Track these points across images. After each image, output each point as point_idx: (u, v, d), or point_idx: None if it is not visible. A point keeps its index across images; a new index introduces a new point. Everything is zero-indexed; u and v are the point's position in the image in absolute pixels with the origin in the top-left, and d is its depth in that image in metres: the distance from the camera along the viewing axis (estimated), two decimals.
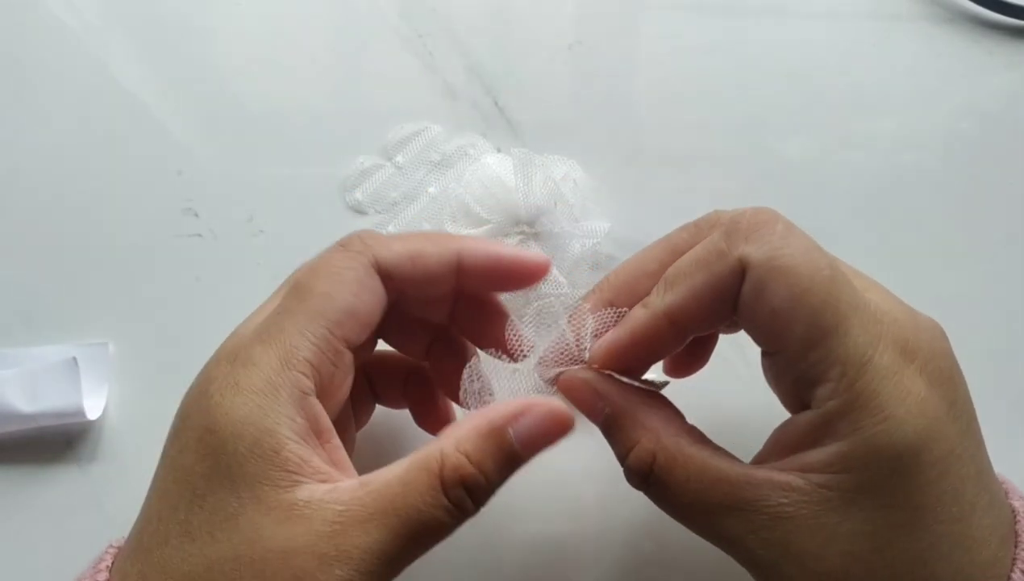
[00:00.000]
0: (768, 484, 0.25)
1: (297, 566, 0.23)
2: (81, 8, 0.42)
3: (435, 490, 0.25)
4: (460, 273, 0.28)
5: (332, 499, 0.24)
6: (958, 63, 0.42)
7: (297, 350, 0.25)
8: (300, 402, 0.25)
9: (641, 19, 0.43)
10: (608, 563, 0.36)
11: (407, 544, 0.24)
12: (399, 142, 0.41)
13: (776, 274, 0.24)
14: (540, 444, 0.26)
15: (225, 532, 0.24)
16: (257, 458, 0.24)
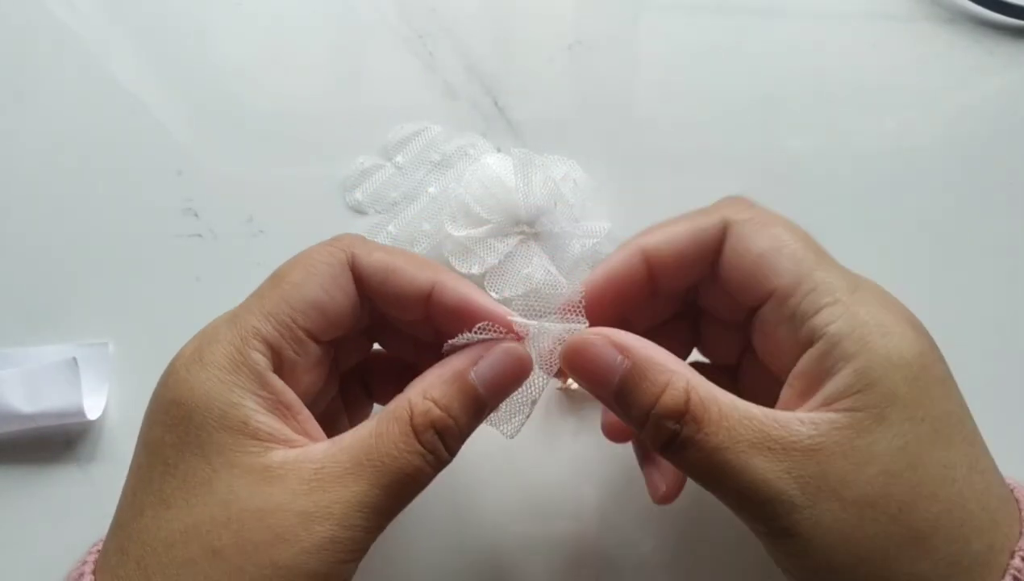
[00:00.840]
0: (796, 422, 0.24)
1: (276, 524, 0.24)
2: (81, 8, 0.42)
3: (407, 436, 0.25)
4: (430, 302, 0.28)
5: (306, 458, 0.25)
6: (958, 63, 0.42)
7: (258, 330, 0.26)
8: (261, 377, 0.25)
9: (641, 19, 0.43)
10: (608, 563, 0.36)
11: (387, 494, 0.25)
12: (399, 142, 0.41)
13: (757, 226, 0.27)
14: (501, 383, 0.27)
15: (199, 496, 0.24)
16: (225, 429, 0.25)
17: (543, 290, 0.37)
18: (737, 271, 0.27)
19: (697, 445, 0.24)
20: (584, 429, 0.37)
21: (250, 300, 0.27)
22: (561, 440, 0.37)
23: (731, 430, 0.24)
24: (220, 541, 0.24)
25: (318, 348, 0.28)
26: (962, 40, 0.42)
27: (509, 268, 0.37)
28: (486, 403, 0.27)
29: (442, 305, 0.28)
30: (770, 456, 0.24)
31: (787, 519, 0.24)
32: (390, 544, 0.36)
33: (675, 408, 0.25)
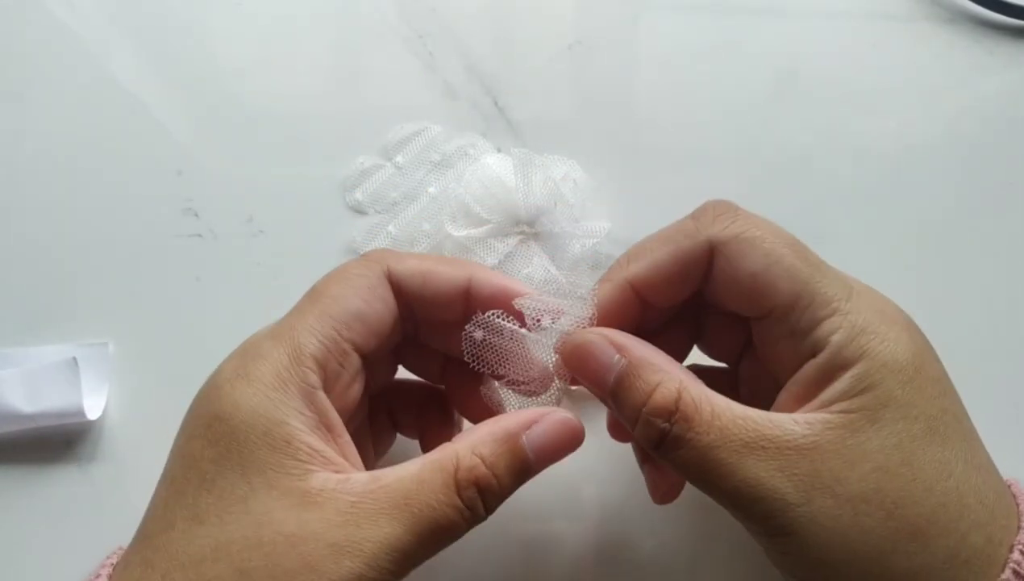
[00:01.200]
0: (790, 422, 0.25)
1: (307, 553, 0.23)
2: (81, 8, 0.42)
3: (449, 489, 0.25)
4: (469, 298, 0.28)
5: (345, 490, 0.24)
6: (958, 63, 0.42)
7: (305, 347, 0.26)
8: (309, 396, 0.25)
9: (641, 19, 0.43)
10: (608, 563, 0.36)
11: (418, 542, 0.24)
12: (399, 142, 0.41)
13: (747, 245, 0.26)
14: (552, 452, 0.27)
15: (234, 515, 0.24)
16: (268, 447, 0.24)
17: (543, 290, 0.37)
18: (731, 292, 0.27)
19: (688, 444, 0.25)
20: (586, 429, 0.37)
21: (291, 317, 0.27)
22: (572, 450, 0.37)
23: (723, 429, 0.24)
24: (250, 563, 0.23)
25: (360, 362, 0.28)
26: (962, 40, 0.42)
27: (509, 268, 0.37)
28: (532, 468, 0.27)
29: (481, 297, 0.28)
30: (763, 455, 0.24)
31: (782, 517, 0.24)
32: None
33: (665, 406, 0.25)
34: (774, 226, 0.27)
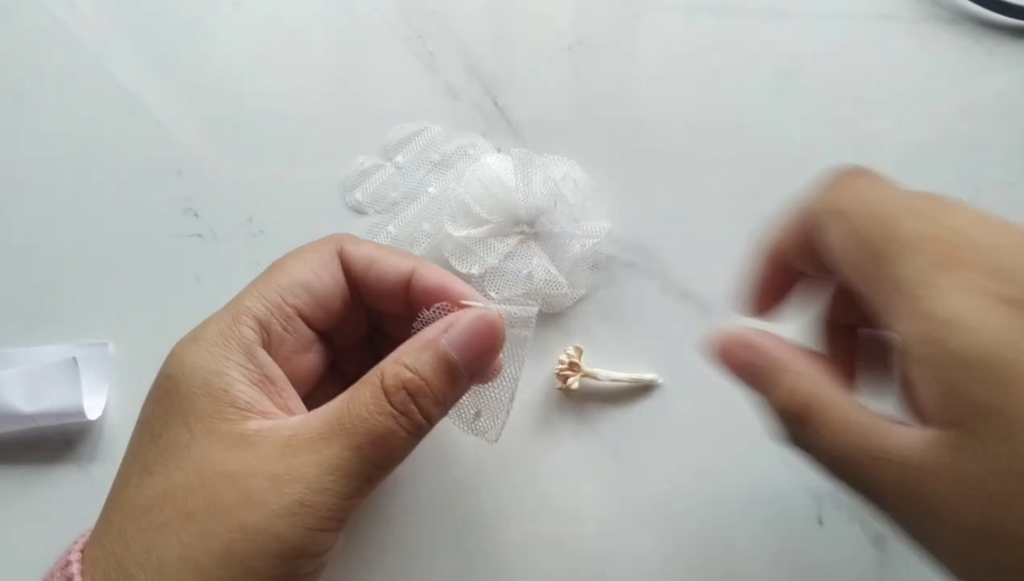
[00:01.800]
0: (907, 436, 0.22)
1: (247, 487, 0.24)
2: (81, 8, 0.42)
3: (378, 398, 0.26)
4: (410, 287, 0.29)
5: (281, 426, 0.25)
6: (958, 63, 0.42)
7: (249, 309, 0.27)
8: (248, 351, 0.27)
9: (641, 19, 0.43)
10: (608, 563, 0.36)
11: (359, 457, 0.25)
12: (399, 142, 0.41)
13: (831, 217, 0.25)
14: (474, 348, 0.27)
15: (178, 462, 0.25)
16: (208, 396, 0.25)
17: (543, 290, 0.37)
18: (829, 265, 0.26)
19: (819, 450, 0.24)
20: (584, 429, 0.37)
21: (245, 288, 0.29)
22: (561, 440, 0.37)
23: (850, 439, 0.23)
24: (193, 504, 0.24)
25: (310, 332, 0.29)
26: (962, 40, 0.42)
27: (509, 268, 0.37)
28: (459, 368, 0.27)
29: (421, 288, 0.29)
30: (888, 469, 0.22)
31: (901, 529, 0.22)
32: (389, 543, 0.36)
33: (796, 413, 0.24)
34: (871, 192, 0.25)
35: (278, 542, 0.24)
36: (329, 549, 0.26)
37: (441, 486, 0.37)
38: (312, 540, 0.24)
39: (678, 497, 0.36)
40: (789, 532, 0.36)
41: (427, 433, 0.27)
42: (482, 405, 0.31)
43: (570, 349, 0.37)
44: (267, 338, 0.28)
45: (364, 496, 0.26)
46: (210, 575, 0.23)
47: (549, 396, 0.37)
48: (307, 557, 0.25)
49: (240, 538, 0.24)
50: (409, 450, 0.27)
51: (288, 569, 0.24)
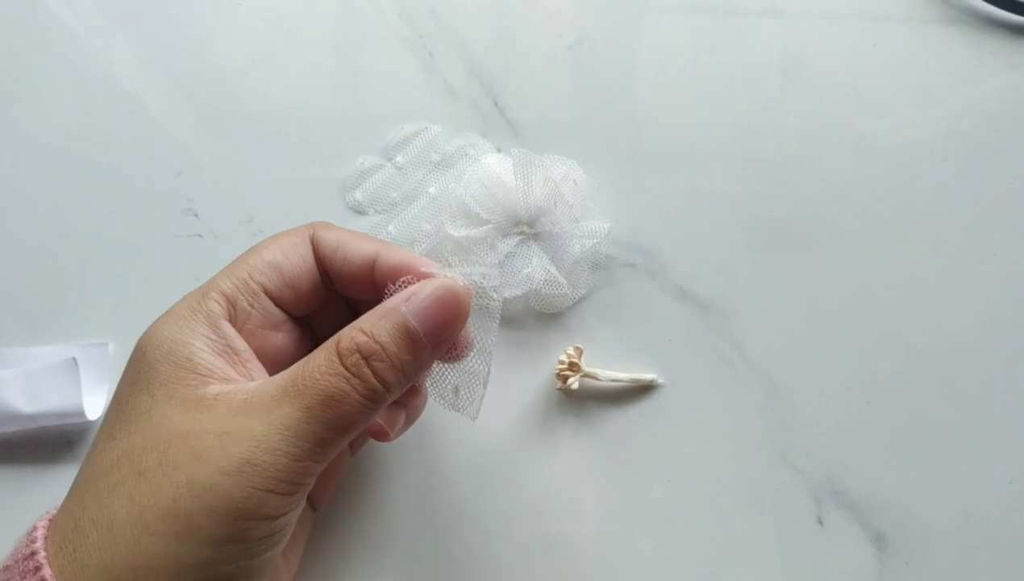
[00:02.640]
0: None
1: (196, 446, 0.24)
2: (81, 8, 0.42)
3: (331, 359, 0.26)
4: (375, 271, 0.30)
5: (238, 390, 0.26)
6: (959, 63, 0.42)
7: (218, 285, 0.28)
8: (213, 323, 0.27)
9: (641, 19, 0.43)
10: (608, 563, 0.36)
11: (309, 417, 0.25)
12: (399, 142, 0.41)
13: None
14: (435, 317, 0.27)
15: (138, 426, 0.25)
16: (171, 364, 0.26)
17: (543, 290, 0.37)
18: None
19: None
20: (584, 429, 0.37)
21: (221, 270, 0.30)
22: (561, 440, 0.37)
23: None
24: (146, 463, 0.24)
25: (278, 311, 0.30)
26: (963, 40, 0.42)
27: (509, 268, 0.37)
28: (419, 335, 0.27)
29: (385, 268, 0.29)
30: None
31: None
32: (390, 543, 0.36)
33: None
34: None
35: (223, 500, 0.24)
36: (282, 516, 0.25)
37: (441, 486, 0.37)
38: (260, 501, 0.24)
39: (678, 497, 0.36)
40: (789, 532, 0.36)
41: (386, 400, 0.27)
42: (459, 381, 0.31)
43: (570, 349, 0.37)
44: (233, 313, 0.28)
45: (318, 461, 0.25)
46: (155, 531, 0.24)
47: (549, 396, 0.37)
48: (255, 520, 0.24)
49: (186, 494, 0.24)
50: (365, 415, 0.26)
51: (235, 529, 0.24)
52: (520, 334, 0.38)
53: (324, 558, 0.36)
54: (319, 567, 0.36)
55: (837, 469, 0.36)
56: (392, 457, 0.37)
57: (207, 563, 0.24)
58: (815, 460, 0.37)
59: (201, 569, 0.24)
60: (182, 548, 0.23)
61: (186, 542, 0.23)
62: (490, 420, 0.37)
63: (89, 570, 0.23)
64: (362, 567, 0.36)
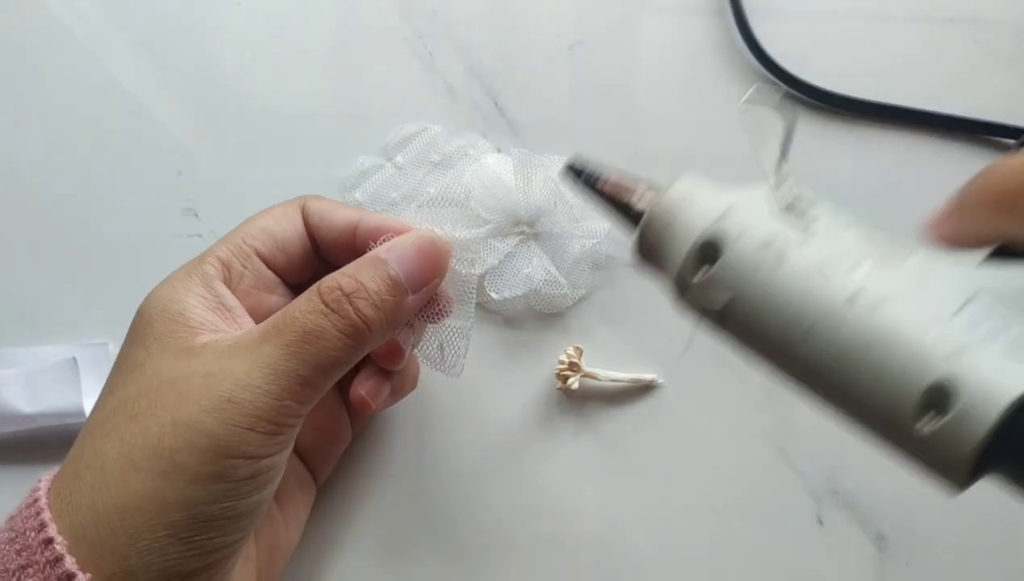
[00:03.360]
0: None
1: (183, 387, 0.25)
2: (81, 8, 0.42)
3: (312, 297, 0.26)
4: (356, 237, 0.31)
5: (225, 337, 0.27)
6: (959, 63, 0.42)
7: (213, 251, 0.29)
8: (206, 282, 0.28)
9: (641, 19, 0.43)
10: (608, 563, 0.36)
11: (289, 355, 0.25)
12: (399, 142, 0.41)
13: None
14: (414, 262, 0.28)
15: (134, 377, 0.26)
16: (165, 319, 0.27)
17: (543, 290, 0.37)
18: None
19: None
20: (584, 429, 0.37)
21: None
22: (561, 440, 0.37)
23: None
24: (138, 408, 0.25)
25: (271, 273, 0.30)
26: (962, 40, 0.42)
27: (509, 268, 0.37)
28: (400, 280, 0.28)
29: (365, 232, 0.30)
30: None
31: None
32: (390, 542, 0.36)
33: None
34: None
35: (205, 437, 0.24)
36: (266, 457, 0.25)
37: (440, 485, 0.37)
38: (241, 438, 0.25)
39: (678, 497, 0.36)
40: (789, 532, 0.36)
41: (370, 341, 0.27)
42: (444, 339, 0.32)
43: (570, 349, 0.37)
44: (227, 274, 0.29)
45: (299, 400, 0.26)
46: (141, 468, 0.24)
47: (549, 396, 0.37)
48: (238, 457, 0.25)
49: (170, 432, 0.24)
50: (346, 353, 0.26)
51: (217, 467, 0.24)
52: (520, 334, 0.38)
53: (321, 553, 0.36)
54: (317, 566, 0.36)
55: (837, 469, 0.36)
56: (392, 457, 0.37)
57: (191, 502, 0.24)
58: (815, 460, 0.37)
59: (185, 508, 0.24)
60: (166, 485, 0.24)
61: (170, 479, 0.24)
62: (490, 420, 0.37)
63: (82, 511, 0.24)
64: (362, 567, 0.36)
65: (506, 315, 0.38)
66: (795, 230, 0.21)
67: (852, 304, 0.19)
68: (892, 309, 0.19)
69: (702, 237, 0.22)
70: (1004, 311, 0.18)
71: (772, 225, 0.21)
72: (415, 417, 0.37)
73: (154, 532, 0.24)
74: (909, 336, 0.18)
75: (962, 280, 0.19)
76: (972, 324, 0.18)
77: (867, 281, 0.20)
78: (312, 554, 0.36)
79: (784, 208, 0.22)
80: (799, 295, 0.20)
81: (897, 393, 0.18)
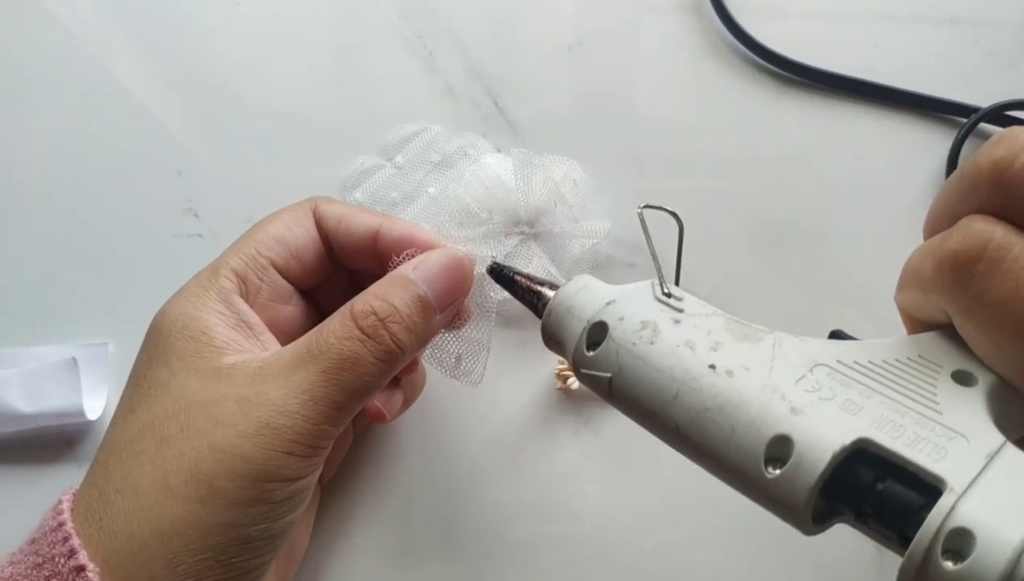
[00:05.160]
0: None
1: (217, 412, 0.25)
2: (81, 8, 0.42)
3: (346, 322, 0.26)
4: (378, 243, 0.30)
5: (255, 358, 0.26)
6: (959, 63, 0.42)
7: (227, 262, 0.29)
8: (226, 298, 0.28)
9: (641, 19, 0.43)
10: (608, 563, 0.36)
11: (325, 380, 0.25)
12: (399, 142, 0.41)
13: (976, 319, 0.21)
14: (442, 280, 0.28)
15: (158, 397, 0.26)
16: (187, 338, 0.26)
17: None
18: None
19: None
20: (584, 429, 0.37)
21: (228, 247, 0.30)
22: (561, 440, 0.37)
23: None
24: (168, 431, 0.25)
25: (286, 284, 0.30)
26: (962, 40, 0.42)
27: None
28: (429, 299, 0.28)
29: (389, 240, 0.30)
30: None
31: None
32: (390, 542, 0.36)
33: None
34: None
35: (243, 462, 0.24)
36: (303, 478, 0.26)
37: (441, 486, 0.37)
38: (280, 463, 0.25)
39: (678, 497, 0.36)
40: (789, 532, 0.36)
41: (401, 363, 0.27)
42: (462, 350, 0.32)
43: None
44: (244, 288, 0.29)
45: (334, 424, 0.26)
46: (179, 494, 0.24)
47: (549, 396, 0.37)
48: (276, 481, 0.25)
49: (207, 458, 0.24)
50: (380, 378, 0.27)
51: (256, 492, 0.24)
52: (520, 334, 0.38)
53: (324, 554, 0.36)
54: (321, 567, 0.36)
55: None
56: (393, 457, 0.37)
57: (231, 525, 0.24)
58: None
59: (225, 531, 0.24)
60: (205, 511, 0.24)
61: (209, 505, 0.24)
62: (490, 420, 0.37)
63: (116, 537, 0.24)
64: (362, 567, 0.36)
65: (506, 315, 0.38)
66: (669, 314, 0.25)
67: (713, 371, 0.23)
68: (745, 375, 0.22)
69: (592, 320, 0.25)
70: (842, 379, 0.22)
71: (650, 310, 0.25)
72: (416, 418, 0.37)
73: (193, 556, 0.24)
74: (758, 396, 0.22)
75: (807, 354, 0.23)
76: (812, 388, 0.22)
77: (726, 352, 0.23)
78: (315, 555, 0.36)
79: (661, 296, 0.26)
80: (669, 365, 0.23)
81: (747, 445, 0.21)
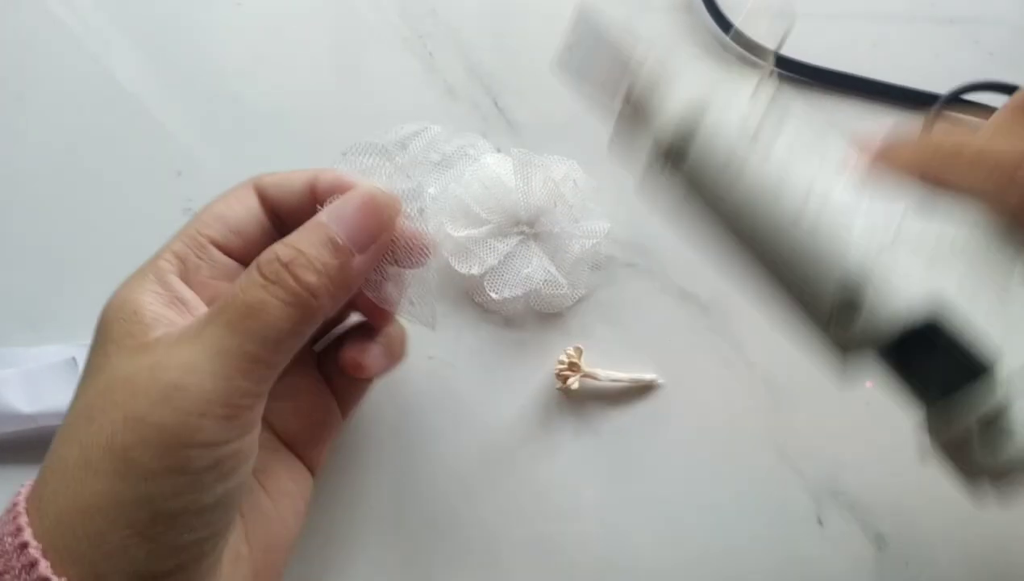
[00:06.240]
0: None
1: (134, 383, 0.25)
2: (81, 8, 0.42)
3: (250, 273, 0.26)
4: (314, 190, 0.30)
5: (178, 329, 0.26)
6: (958, 63, 0.42)
7: (168, 246, 0.29)
8: (161, 278, 0.28)
9: (641, 19, 0.43)
10: (608, 563, 0.36)
11: (231, 333, 0.25)
12: (399, 142, 0.41)
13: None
14: (352, 220, 0.27)
15: (93, 381, 0.26)
16: (120, 320, 0.26)
17: (543, 290, 0.37)
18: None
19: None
20: (584, 429, 0.37)
21: None
22: (561, 440, 0.37)
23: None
24: (93, 409, 0.25)
25: (228, 260, 0.30)
26: (962, 40, 0.42)
27: (509, 268, 0.37)
28: (338, 239, 0.27)
29: (321, 190, 0.30)
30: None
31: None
32: (389, 542, 0.36)
33: None
34: None
35: (156, 430, 0.24)
36: (226, 443, 0.25)
37: (440, 486, 0.37)
38: (194, 426, 0.24)
39: (678, 497, 0.36)
40: (789, 532, 0.36)
41: (320, 308, 0.26)
42: (412, 292, 0.31)
43: (570, 349, 0.37)
44: (183, 268, 0.29)
45: (251, 379, 0.25)
46: (97, 469, 0.24)
47: (549, 396, 0.37)
48: (193, 447, 0.24)
49: (120, 429, 0.24)
50: (293, 324, 0.25)
51: (173, 460, 0.24)
52: (520, 334, 0.38)
53: (319, 553, 0.36)
54: (315, 566, 0.36)
55: (837, 469, 0.36)
56: (391, 456, 0.37)
57: (150, 499, 0.23)
58: (815, 460, 0.37)
59: (145, 505, 0.23)
60: (122, 484, 0.23)
61: (125, 478, 0.23)
62: (490, 420, 0.37)
63: (48, 518, 0.24)
64: (361, 567, 0.36)
65: (506, 315, 0.38)
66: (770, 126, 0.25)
67: (808, 199, 0.23)
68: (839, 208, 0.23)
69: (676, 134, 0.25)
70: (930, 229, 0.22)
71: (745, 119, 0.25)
72: (415, 416, 0.37)
73: (117, 532, 0.23)
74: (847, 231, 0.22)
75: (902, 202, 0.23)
76: (902, 232, 0.22)
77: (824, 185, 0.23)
78: (310, 555, 0.36)
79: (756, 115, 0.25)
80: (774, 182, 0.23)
81: (826, 274, 0.22)
